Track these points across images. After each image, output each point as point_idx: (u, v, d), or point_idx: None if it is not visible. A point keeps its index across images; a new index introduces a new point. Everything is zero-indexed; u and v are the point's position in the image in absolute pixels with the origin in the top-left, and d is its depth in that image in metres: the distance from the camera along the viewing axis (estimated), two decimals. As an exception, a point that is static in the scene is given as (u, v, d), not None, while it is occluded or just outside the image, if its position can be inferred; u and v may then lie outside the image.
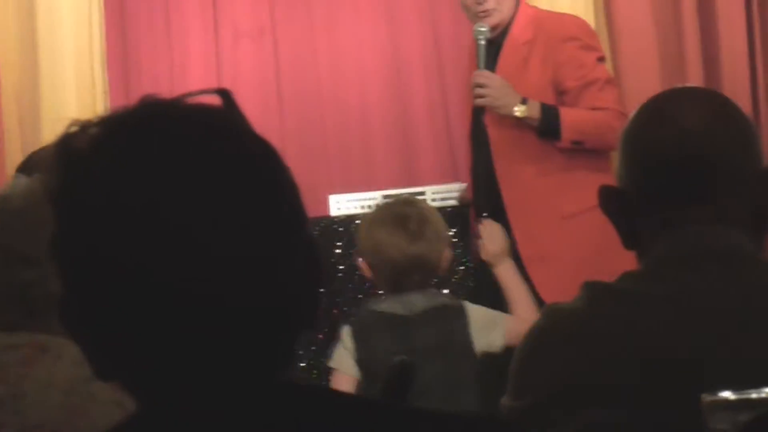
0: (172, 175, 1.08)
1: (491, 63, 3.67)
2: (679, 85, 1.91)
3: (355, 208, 4.37)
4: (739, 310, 1.67)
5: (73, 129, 1.11)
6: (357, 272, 4.21)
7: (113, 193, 1.08)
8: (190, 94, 1.14)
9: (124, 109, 1.14)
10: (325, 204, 4.38)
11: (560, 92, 3.62)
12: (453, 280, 3.97)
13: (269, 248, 1.10)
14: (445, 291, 3.57)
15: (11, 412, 1.87)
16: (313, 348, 4.32)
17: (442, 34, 4.82)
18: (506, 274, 3.32)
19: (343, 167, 4.84)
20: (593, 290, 1.75)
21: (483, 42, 3.64)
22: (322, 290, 1.17)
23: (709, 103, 1.77)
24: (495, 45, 3.73)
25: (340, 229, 4.33)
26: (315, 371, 4.26)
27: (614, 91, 3.65)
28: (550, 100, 3.61)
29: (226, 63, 4.83)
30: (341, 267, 4.29)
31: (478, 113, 3.68)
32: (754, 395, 1.46)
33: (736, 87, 4.63)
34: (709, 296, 1.68)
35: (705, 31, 4.66)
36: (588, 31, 3.76)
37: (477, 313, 3.14)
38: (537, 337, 1.77)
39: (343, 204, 4.41)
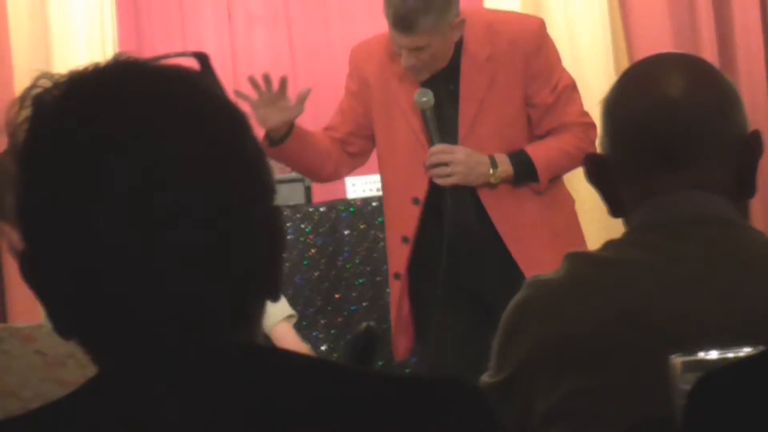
0: (131, 133, 1.09)
1: (445, 92, 3.40)
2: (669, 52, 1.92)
3: (371, 190, 4.40)
4: (718, 275, 1.68)
5: (44, 82, 1.12)
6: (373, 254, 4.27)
7: (74, 147, 1.09)
8: (167, 56, 1.16)
9: (95, 65, 1.15)
10: (342, 186, 4.41)
11: (530, 105, 3.41)
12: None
13: (225, 212, 1.11)
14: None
15: None
16: (333, 331, 4.37)
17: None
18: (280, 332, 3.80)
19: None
20: (574, 260, 1.75)
21: (430, 113, 3.35)
22: (281, 258, 1.17)
23: (690, 69, 1.77)
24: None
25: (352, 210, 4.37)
26: (335, 354, 4.31)
27: (577, 97, 3.46)
28: (524, 115, 3.42)
29: (240, 49, 4.88)
30: (359, 249, 4.32)
31: (436, 185, 3.39)
32: (713, 355, 1.49)
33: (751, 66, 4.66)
34: (688, 262, 1.69)
35: (719, 13, 4.69)
36: (545, 32, 3.46)
37: None
38: (518, 308, 1.78)
39: (359, 186, 4.45)
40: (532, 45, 3.38)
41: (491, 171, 3.35)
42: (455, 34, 3.34)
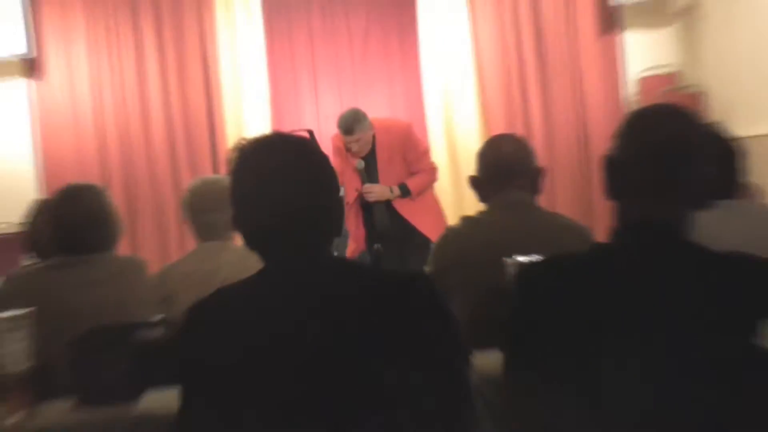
0: (279, 168, 1.78)
1: (371, 158, 5.82)
2: (504, 132, 3.39)
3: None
4: (525, 226, 2.96)
5: (242, 141, 2.10)
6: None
7: (248, 172, 1.77)
8: (295, 131, 1.81)
9: (264, 135, 1.78)
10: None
11: (406, 161, 5.88)
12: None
13: (316, 198, 1.80)
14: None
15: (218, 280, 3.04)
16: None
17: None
18: None
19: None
20: (465, 219, 3.07)
21: (363, 171, 5.74)
22: (342, 218, 1.84)
23: (515, 139, 3.13)
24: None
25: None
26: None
27: (429, 156, 6.01)
28: (407, 166, 5.88)
29: (323, 124, 6.63)
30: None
31: (366, 202, 5.85)
32: (524, 259, 2.55)
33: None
34: (512, 226, 2.95)
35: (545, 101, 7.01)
36: (411, 130, 5.94)
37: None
38: (443, 237, 3.00)
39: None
40: (405, 138, 5.94)
41: (391, 194, 5.89)
42: (371, 132, 5.85)
